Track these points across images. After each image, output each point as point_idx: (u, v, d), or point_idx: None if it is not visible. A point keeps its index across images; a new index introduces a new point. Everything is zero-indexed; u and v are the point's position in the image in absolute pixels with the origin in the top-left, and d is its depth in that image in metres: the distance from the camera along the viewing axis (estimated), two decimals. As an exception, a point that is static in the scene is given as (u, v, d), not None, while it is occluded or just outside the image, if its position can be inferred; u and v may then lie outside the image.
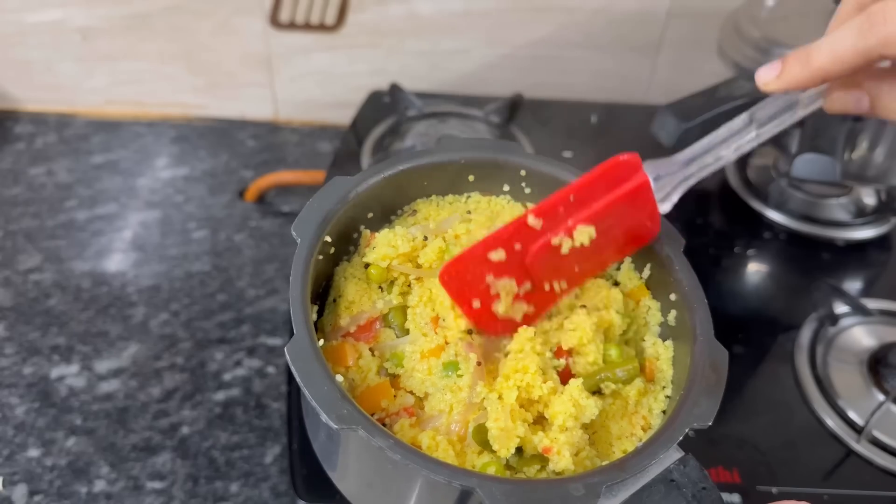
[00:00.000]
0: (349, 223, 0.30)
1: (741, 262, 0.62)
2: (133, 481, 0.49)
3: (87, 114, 0.85)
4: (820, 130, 0.50)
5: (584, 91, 0.84)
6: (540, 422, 0.27)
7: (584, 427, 0.27)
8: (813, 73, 0.29)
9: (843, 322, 0.55)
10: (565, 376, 0.28)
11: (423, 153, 0.30)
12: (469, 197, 0.33)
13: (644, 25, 0.79)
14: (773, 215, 0.65)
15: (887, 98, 0.30)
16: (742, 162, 0.72)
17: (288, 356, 0.24)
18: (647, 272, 0.32)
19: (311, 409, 0.28)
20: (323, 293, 0.31)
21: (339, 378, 0.25)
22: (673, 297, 0.30)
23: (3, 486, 0.49)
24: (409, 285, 0.30)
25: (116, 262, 0.66)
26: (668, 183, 0.33)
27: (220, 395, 0.55)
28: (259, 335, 0.60)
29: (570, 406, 0.25)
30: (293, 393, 0.50)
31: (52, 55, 0.82)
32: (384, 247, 0.29)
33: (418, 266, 0.30)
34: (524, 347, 0.27)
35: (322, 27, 0.79)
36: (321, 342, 0.26)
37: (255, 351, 0.58)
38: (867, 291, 0.60)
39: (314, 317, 0.27)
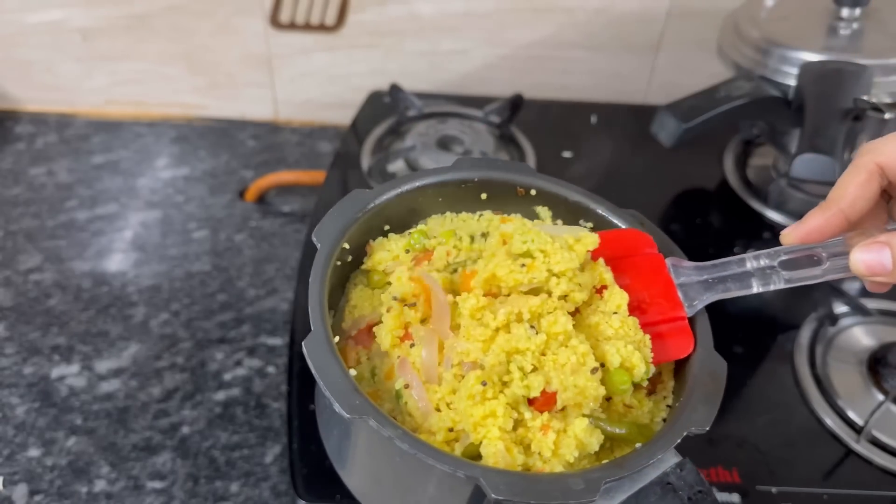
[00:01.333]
0: (366, 234, 0.31)
1: (741, 262, 0.62)
2: (133, 481, 0.49)
3: (87, 114, 0.85)
4: (819, 130, 0.50)
5: (584, 91, 0.84)
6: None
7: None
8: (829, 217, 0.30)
9: (843, 322, 0.55)
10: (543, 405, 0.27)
11: (439, 171, 0.31)
12: (481, 215, 0.33)
13: (644, 26, 0.79)
14: (773, 215, 0.65)
15: None
16: (742, 162, 0.72)
17: (305, 350, 0.25)
18: None
19: (324, 405, 0.29)
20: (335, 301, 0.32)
21: (353, 372, 0.26)
22: None
23: (4, 485, 0.49)
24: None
25: (117, 262, 0.66)
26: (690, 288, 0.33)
27: (220, 395, 0.55)
28: (259, 335, 0.60)
29: (571, 444, 0.25)
30: (293, 393, 0.50)
31: (53, 55, 0.82)
32: (381, 252, 0.30)
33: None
34: (474, 396, 0.25)
35: (322, 27, 0.79)
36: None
37: (256, 351, 0.58)
38: (866, 291, 0.60)
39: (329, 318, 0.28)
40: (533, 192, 0.33)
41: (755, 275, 0.33)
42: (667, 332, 0.30)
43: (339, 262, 0.29)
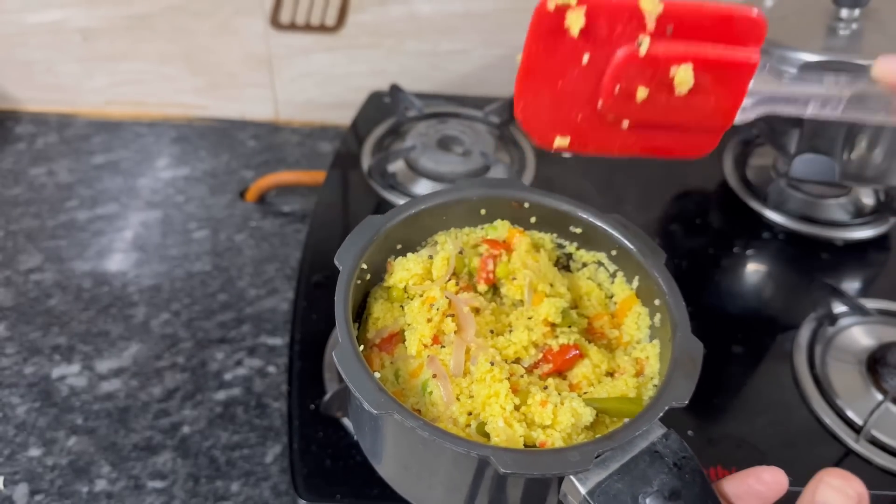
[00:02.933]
0: (380, 254, 0.35)
1: (740, 262, 0.62)
2: (134, 481, 0.49)
3: (87, 114, 0.86)
4: (819, 131, 0.50)
5: (584, 92, 0.84)
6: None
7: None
8: None
9: (842, 322, 0.55)
10: (563, 366, 0.32)
11: (441, 193, 0.36)
12: (483, 228, 0.37)
13: (643, 26, 0.79)
14: (772, 215, 0.66)
15: None
16: (741, 162, 0.72)
17: (336, 359, 0.29)
18: (635, 283, 0.36)
19: (356, 407, 0.33)
20: (360, 312, 0.36)
21: (377, 375, 0.29)
22: (657, 302, 0.33)
23: (4, 485, 0.49)
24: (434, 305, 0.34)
25: (117, 262, 0.66)
26: (757, 92, 0.30)
27: (220, 395, 0.55)
28: (260, 335, 0.60)
29: (569, 417, 0.29)
30: (293, 393, 0.50)
31: (53, 56, 0.82)
32: (400, 271, 0.35)
33: (432, 281, 0.34)
34: (485, 378, 0.30)
35: (322, 28, 0.79)
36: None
37: (256, 351, 0.58)
38: (866, 291, 0.60)
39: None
40: (526, 204, 0.37)
41: (821, 101, 0.31)
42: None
43: (358, 281, 0.33)
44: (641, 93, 0.29)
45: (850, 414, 0.49)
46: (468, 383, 0.31)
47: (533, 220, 0.37)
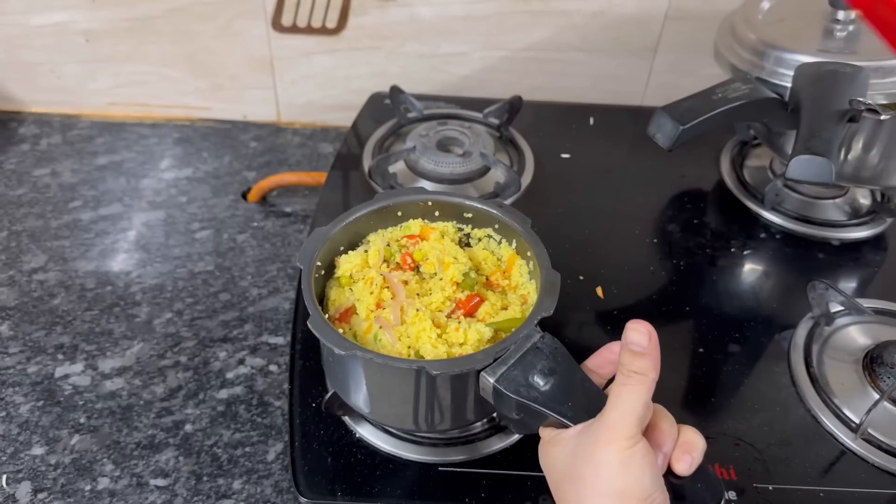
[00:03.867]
0: (329, 255, 0.47)
1: (737, 261, 0.63)
2: (137, 479, 0.50)
3: (91, 115, 0.86)
4: (815, 132, 0.50)
5: (582, 93, 0.84)
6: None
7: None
8: None
9: (839, 321, 0.55)
10: (470, 311, 0.44)
11: (367, 204, 0.48)
12: (401, 227, 0.49)
13: (641, 28, 0.79)
14: (769, 216, 0.66)
15: None
16: (738, 163, 0.72)
17: (310, 325, 0.39)
18: (514, 244, 0.48)
19: (328, 356, 0.44)
20: (321, 300, 0.47)
21: (340, 331, 0.40)
22: (529, 254, 0.46)
23: (8, 483, 0.50)
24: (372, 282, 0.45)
25: (120, 262, 0.67)
26: None
27: (223, 394, 0.55)
28: (262, 334, 0.60)
29: (475, 335, 0.41)
30: (295, 391, 0.51)
31: (57, 57, 0.83)
32: (345, 264, 0.46)
33: (369, 267, 0.46)
34: (415, 321, 0.42)
35: (324, 30, 0.80)
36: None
37: (258, 349, 0.59)
38: (862, 291, 0.61)
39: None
40: (430, 203, 0.49)
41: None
42: None
43: (316, 276, 0.44)
44: None
45: (847, 412, 0.49)
46: (405, 329, 0.42)
47: (437, 213, 0.49)
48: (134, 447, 0.52)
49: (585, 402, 0.36)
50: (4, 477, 0.50)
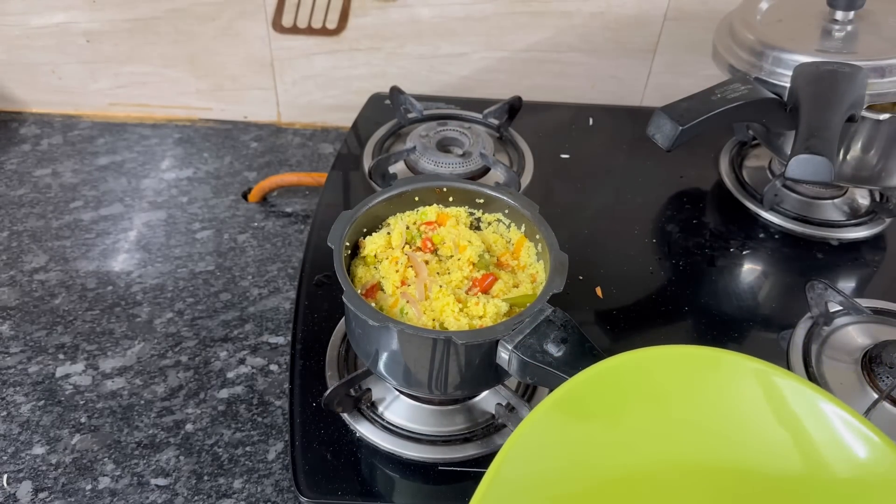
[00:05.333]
0: (354, 236, 0.50)
1: (736, 261, 0.63)
2: (137, 478, 0.50)
3: (92, 116, 0.86)
4: (814, 132, 0.51)
5: (582, 94, 0.85)
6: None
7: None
8: None
9: (838, 321, 0.55)
10: (486, 288, 0.48)
11: (387, 190, 0.51)
12: (417, 211, 0.52)
13: (641, 29, 0.80)
14: (768, 216, 0.66)
15: None
16: (737, 163, 0.73)
17: (345, 299, 0.43)
18: (523, 228, 0.51)
19: (357, 331, 0.47)
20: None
21: (372, 304, 0.44)
22: (538, 236, 0.49)
23: (9, 483, 0.50)
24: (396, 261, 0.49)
25: (121, 262, 0.67)
26: None
27: (223, 393, 0.56)
28: (262, 334, 0.60)
29: (493, 309, 0.45)
30: (296, 391, 0.51)
31: (58, 58, 0.83)
32: (370, 245, 0.49)
33: (392, 248, 0.49)
34: (438, 297, 0.46)
35: (324, 31, 0.80)
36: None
37: (259, 349, 0.59)
38: (861, 291, 0.61)
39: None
40: (444, 188, 0.52)
41: None
42: None
43: (343, 256, 0.47)
44: None
45: (845, 412, 0.49)
46: (429, 304, 0.46)
47: (451, 199, 0.53)
48: (135, 447, 0.52)
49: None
50: (5, 476, 0.50)
